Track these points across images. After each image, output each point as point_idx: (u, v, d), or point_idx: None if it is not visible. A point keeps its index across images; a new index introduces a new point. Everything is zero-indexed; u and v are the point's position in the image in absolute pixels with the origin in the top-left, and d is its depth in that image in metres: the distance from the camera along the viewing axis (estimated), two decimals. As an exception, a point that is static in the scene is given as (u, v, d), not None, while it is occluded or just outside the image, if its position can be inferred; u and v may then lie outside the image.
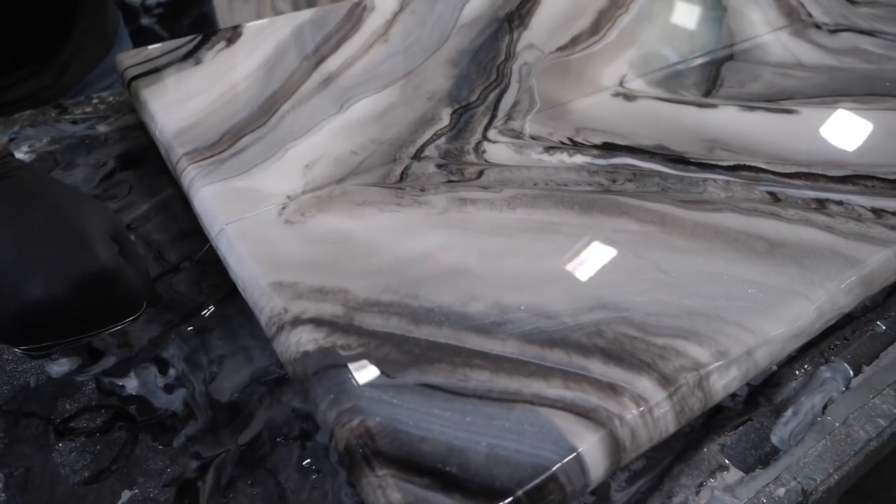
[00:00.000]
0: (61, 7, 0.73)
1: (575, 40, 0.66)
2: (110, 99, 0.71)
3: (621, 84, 0.59)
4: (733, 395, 0.42)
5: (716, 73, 0.61)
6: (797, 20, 0.71)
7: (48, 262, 0.35)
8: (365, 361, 0.34)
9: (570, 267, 0.40)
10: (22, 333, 0.36)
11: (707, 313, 0.37)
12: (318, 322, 0.36)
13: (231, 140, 0.51)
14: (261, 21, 0.64)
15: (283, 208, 0.45)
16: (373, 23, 0.63)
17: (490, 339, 0.36)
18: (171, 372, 0.42)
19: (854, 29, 0.70)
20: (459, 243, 0.41)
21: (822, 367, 0.42)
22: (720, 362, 0.35)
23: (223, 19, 1.78)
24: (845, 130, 0.53)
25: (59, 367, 0.43)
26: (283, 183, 0.47)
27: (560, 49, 0.64)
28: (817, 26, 0.70)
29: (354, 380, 0.33)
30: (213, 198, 0.45)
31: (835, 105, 0.56)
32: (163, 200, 0.57)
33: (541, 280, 0.39)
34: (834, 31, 0.69)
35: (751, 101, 0.56)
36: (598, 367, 0.34)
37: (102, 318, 0.38)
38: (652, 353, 0.35)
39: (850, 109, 0.56)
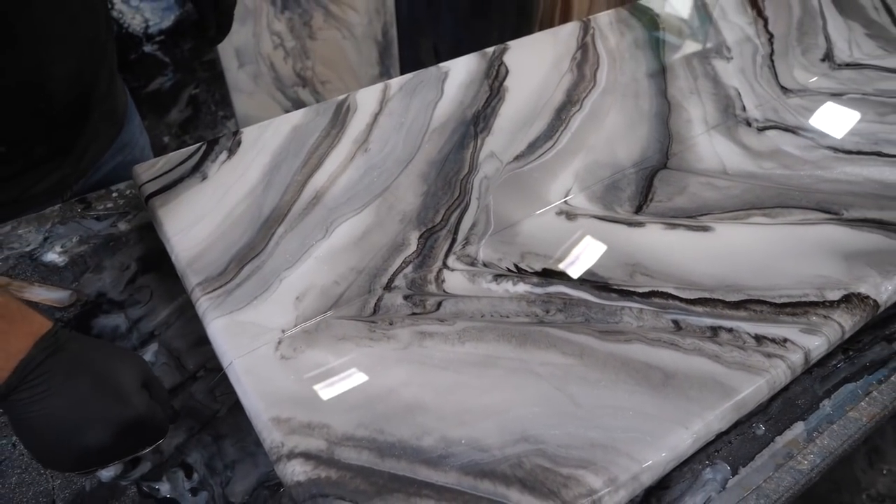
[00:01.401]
0: (78, 104, 0.82)
1: (532, 146, 0.75)
2: (128, 192, 0.81)
3: (566, 200, 0.69)
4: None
5: (649, 184, 0.70)
6: (731, 116, 0.80)
7: (97, 419, 0.46)
8: (342, 492, 0.46)
9: (502, 402, 0.51)
10: (78, 468, 0.48)
11: (605, 444, 0.48)
12: (307, 456, 0.48)
13: (236, 269, 0.61)
14: (256, 126, 0.74)
15: (279, 343, 0.55)
16: (356, 126, 0.73)
17: (436, 471, 0.47)
18: (195, 476, 0.54)
19: (780, 125, 0.78)
20: (418, 379, 0.52)
21: (707, 469, 0.53)
22: (610, 488, 0.46)
23: (222, 44, 1.84)
24: (750, 250, 0.63)
25: (108, 472, 0.54)
26: (279, 316, 0.58)
27: (517, 158, 0.73)
28: (748, 123, 0.79)
29: (333, 513, 0.45)
30: (222, 331, 0.56)
31: (747, 219, 0.66)
32: (181, 305, 0.68)
33: (479, 415, 0.50)
34: (762, 129, 0.78)
35: (674, 219, 0.66)
36: (516, 496, 0.46)
37: (138, 447, 0.49)
38: (558, 482, 0.46)
39: (759, 224, 0.65)
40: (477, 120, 0.78)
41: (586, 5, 2.32)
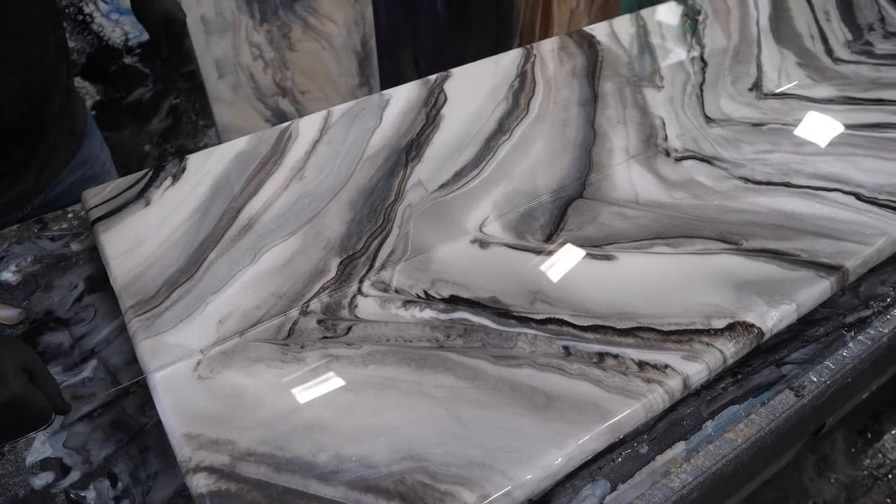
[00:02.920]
0: (29, 120, 0.86)
1: (457, 175, 0.80)
2: (83, 213, 0.86)
3: (482, 228, 0.73)
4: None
5: (563, 213, 0.75)
6: (653, 145, 0.84)
7: None
8: (238, 503, 0.51)
9: (395, 422, 0.55)
10: None
11: (483, 463, 0.53)
12: (210, 470, 0.52)
13: (167, 292, 0.66)
14: (203, 153, 0.78)
15: (198, 364, 0.60)
16: (295, 154, 0.77)
17: (326, 485, 0.52)
18: (119, 485, 0.59)
19: (697, 156, 0.82)
20: (320, 399, 0.57)
21: (588, 485, 0.58)
22: (482, 503, 0.51)
23: (201, 54, 1.90)
24: (648, 279, 0.67)
25: (40, 480, 0.59)
26: (201, 338, 0.62)
27: (442, 187, 0.78)
28: (667, 153, 0.83)
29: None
30: (148, 352, 0.61)
31: (650, 249, 0.70)
32: (121, 324, 0.72)
33: (372, 433, 0.55)
34: (680, 159, 0.82)
35: (581, 247, 0.70)
36: (396, 509, 0.50)
37: (16, 431, 0.54)
38: (435, 497, 0.51)
39: (661, 253, 0.70)
40: (410, 148, 0.82)
41: (567, 17, 2.36)
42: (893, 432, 1.43)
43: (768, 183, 0.78)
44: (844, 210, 0.75)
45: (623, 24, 1.04)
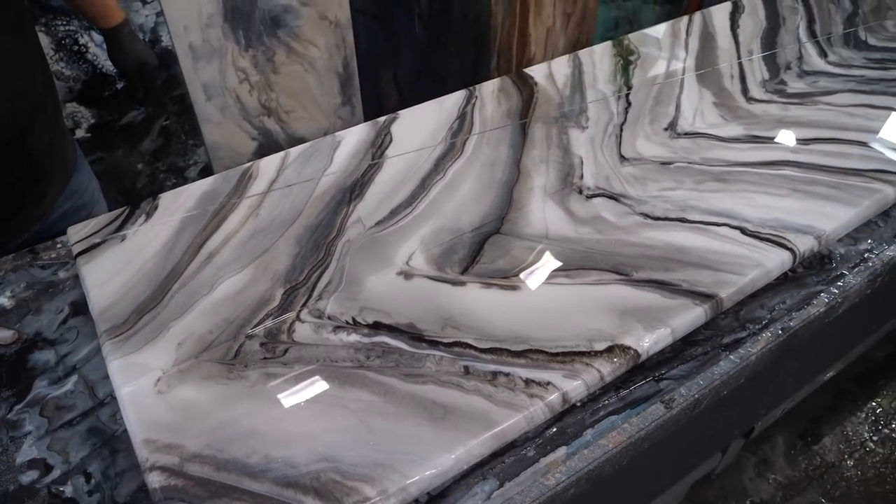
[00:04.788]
0: (27, 151, 0.97)
1: (393, 213, 0.91)
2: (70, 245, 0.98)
3: (407, 262, 0.84)
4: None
5: (480, 247, 0.86)
6: (569, 184, 0.95)
7: None
8: (184, 496, 0.62)
9: (317, 430, 0.67)
10: None
11: (385, 464, 0.64)
12: (163, 469, 0.64)
13: (135, 318, 0.78)
14: (173, 192, 0.90)
15: (158, 381, 0.72)
16: (253, 193, 0.89)
17: (256, 481, 0.63)
18: (92, 481, 0.71)
19: (607, 193, 0.93)
20: (257, 411, 0.69)
21: (479, 483, 0.69)
22: (381, 496, 0.62)
23: (190, 79, 2.02)
24: (546, 306, 0.78)
25: (27, 477, 0.71)
26: (162, 358, 0.74)
27: (378, 224, 0.89)
28: (580, 191, 0.94)
29: (171, 513, 0.61)
30: (118, 370, 0.73)
31: (552, 279, 0.81)
32: (97, 345, 0.84)
33: (297, 439, 0.66)
34: (590, 197, 0.93)
35: (491, 278, 0.81)
36: (310, 501, 0.62)
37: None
38: (343, 491, 0.62)
39: (560, 284, 0.81)
40: (354, 187, 0.94)
41: (543, 35, 2.46)
42: (831, 435, 1.54)
43: (665, 219, 0.89)
44: (728, 243, 0.86)
45: (560, 65, 1.15)
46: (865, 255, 0.94)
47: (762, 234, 0.88)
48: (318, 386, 0.71)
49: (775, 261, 0.84)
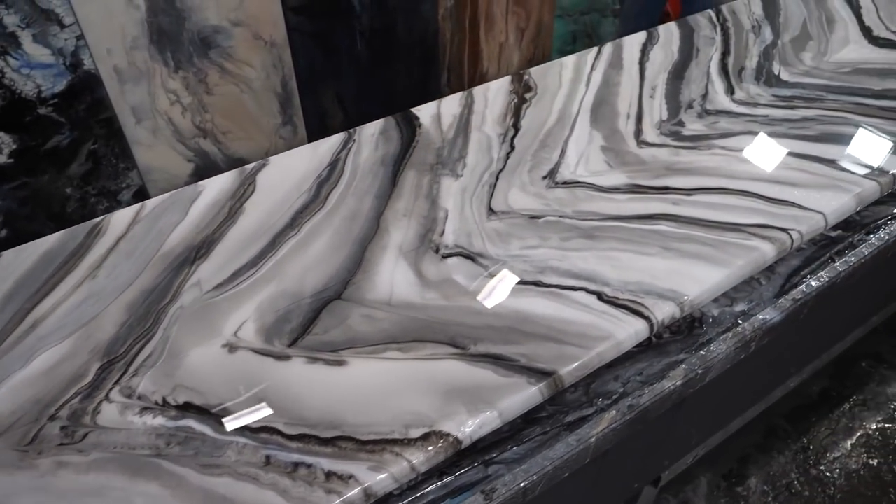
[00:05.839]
0: None
1: (235, 275, 0.87)
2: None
3: (236, 333, 0.80)
4: None
5: (316, 315, 0.82)
6: (427, 241, 0.91)
7: None
8: None
9: (94, 529, 0.63)
10: None
11: (157, 571, 0.60)
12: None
13: (-59, 395, 0.74)
14: (14, 250, 0.86)
15: (-54, 468, 0.68)
16: (97, 251, 0.85)
17: (17, 591, 0.60)
18: None
19: (464, 252, 0.89)
20: (38, 506, 0.65)
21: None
22: None
23: (117, 102, 1.98)
24: (371, 385, 0.74)
25: None
26: (-44, 442, 0.70)
27: (217, 287, 0.85)
28: (437, 249, 0.89)
29: None
30: None
31: (383, 353, 0.77)
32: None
33: (71, 541, 0.62)
34: (447, 256, 0.89)
35: (319, 352, 0.77)
36: None
37: None
38: None
39: (391, 359, 0.76)
40: (202, 245, 0.89)
41: (496, 50, 2.40)
42: (757, 476, 1.49)
43: (520, 282, 0.85)
44: (581, 311, 0.81)
45: (451, 104, 1.10)
46: (738, 319, 0.90)
47: (620, 300, 0.83)
48: (109, 477, 0.67)
49: (628, 332, 0.80)
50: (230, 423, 0.71)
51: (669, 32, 1.28)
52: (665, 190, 0.98)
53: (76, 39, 1.26)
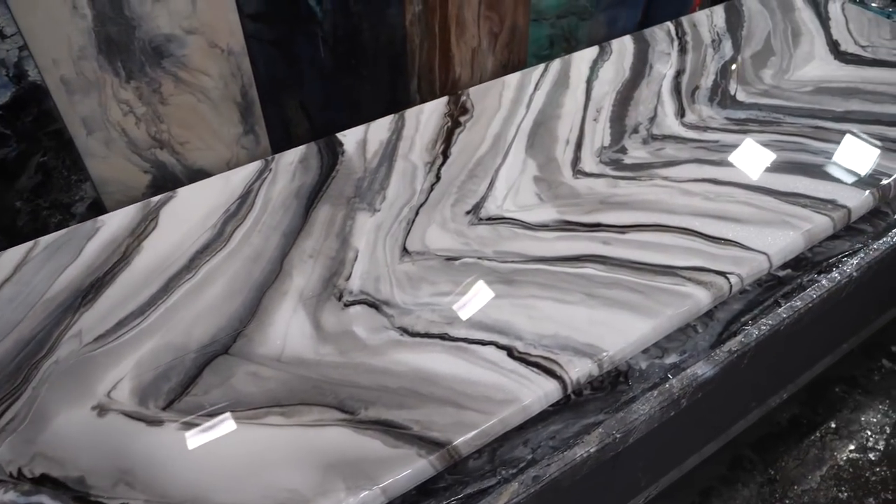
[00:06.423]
0: None
1: (120, 324, 0.81)
2: None
3: (109, 393, 0.74)
4: None
5: (198, 372, 0.75)
6: (331, 286, 0.84)
7: None
8: None
9: None
10: None
11: None
12: None
13: None
14: None
15: None
16: None
17: None
18: None
19: (369, 300, 0.82)
20: None
21: None
22: None
23: (66, 113, 1.92)
24: (246, 455, 0.68)
25: None
26: None
27: (98, 339, 0.78)
28: (340, 296, 0.83)
29: None
30: None
31: (264, 418, 0.70)
32: None
33: None
34: (349, 304, 0.82)
35: (195, 416, 0.71)
36: None
37: None
38: None
39: (272, 424, 0.70)
40: (90, 289, 0.83)
41: (469, 56, 2.32)
42: (719, 510, 1.42)
43: (426, 335, 0.78)
44: (488, 370, 0.74)
45: (380, 129, 1.03)
46: (668, 373, 0.83)
47: (531, 356, 0.76)
48: (-57, 565, 0.61)
49: (536, 394, 0.73)
50: (87, 500, 0.65)
51: (623, 47, 1.20)
52: (597, 227, 0.91)
53: (19, 50, 1.21)
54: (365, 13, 1.08)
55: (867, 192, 0.97)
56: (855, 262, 0.95)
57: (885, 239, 0.98)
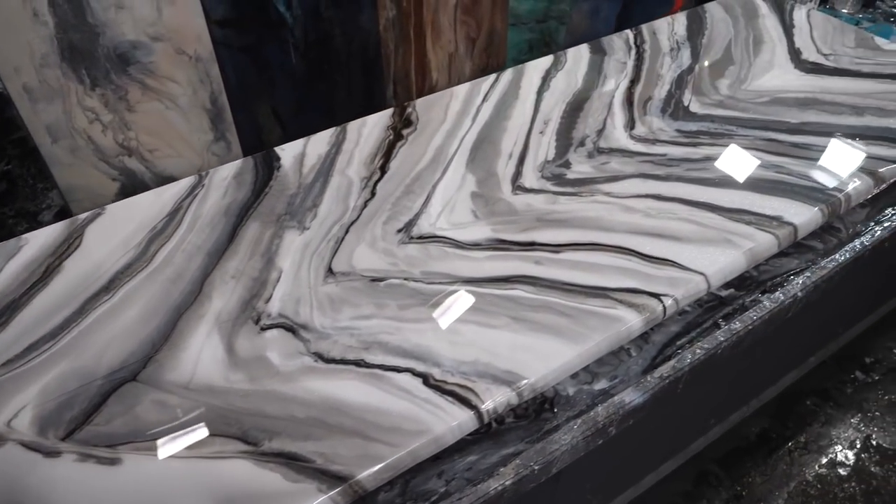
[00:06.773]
0: None
1: (30, 348, 0.78)
2: None
3: (9, 422, 0.72)
4: None
5: (102, 401, 0.73)
6: (250, 309, 0.81)
7: None
8: None
9: None
10: None
11: None
12: None
13: None
14: None
15: None
16: None
17: None
18: None
19: (287, 324, 0.79)
20: None
21: None
22: None
23: (29, 121, 1.90)
24: (143, 492, 0.65)
25: None
26: None
27: (6, 364, 0.76)
28: (258, 320, 0.80)
29: None
30: None
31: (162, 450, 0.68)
32: None
33: None
34: (266, 328, 0.79)
35: (94, 448, 0.68)
36: None
37: None
38: None
39: (172, 456, 0.67)
40: (5, 311, 0.81)
41: (445, 61, 2.29)
42: (682, 528, 1.39)
43: (341, 360, 0.75)
44: (401, 398, 0.72)
45: (320, 142, 1.01)
46: (595, 400, 0.80)
47: (447, 384, 0.73)
48: None
49: (448, 425, 0.70)
50: (-30, 538, 0.63)
51: (579, 56, 1.17)
52: (530, 246, 0.88)
53: (-21, 58, 1.18)
54: (337, 18, 1.08)
55: (816, 207, 0.94)
56: (800, 282, 0.91)
57: (833, 256, 0.95)
